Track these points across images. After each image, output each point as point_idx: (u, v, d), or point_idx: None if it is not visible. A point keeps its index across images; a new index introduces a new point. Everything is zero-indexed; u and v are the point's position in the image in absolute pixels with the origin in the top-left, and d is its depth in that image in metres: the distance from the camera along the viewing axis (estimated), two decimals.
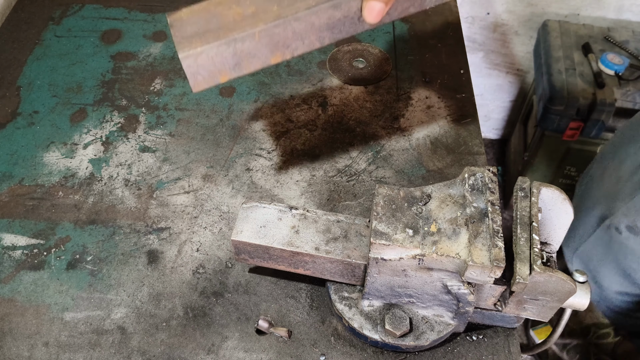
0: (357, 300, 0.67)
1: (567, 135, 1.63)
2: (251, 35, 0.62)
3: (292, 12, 0.62)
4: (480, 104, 2.09)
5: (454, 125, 0.92)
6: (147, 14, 1.10)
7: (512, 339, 0.68)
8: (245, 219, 0.66)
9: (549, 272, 0.55)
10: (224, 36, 0.62)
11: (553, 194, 0.62)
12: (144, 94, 0.96)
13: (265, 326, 0.68)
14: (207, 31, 0.63)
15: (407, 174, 0.85)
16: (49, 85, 0.97)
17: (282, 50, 0.65)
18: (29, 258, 0.75)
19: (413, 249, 0.59)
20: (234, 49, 0.63)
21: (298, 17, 0.62)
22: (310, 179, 0.84)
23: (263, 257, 0.67)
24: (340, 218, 0.67)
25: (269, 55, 0.65)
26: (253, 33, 0.62)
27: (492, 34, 1.87)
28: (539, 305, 0.61)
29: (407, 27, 1.09)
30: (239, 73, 0.65)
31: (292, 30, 0.63)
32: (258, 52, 0.64)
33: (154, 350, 0.67)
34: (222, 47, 0.62)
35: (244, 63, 0.64)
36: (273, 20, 0.62)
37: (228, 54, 0.63)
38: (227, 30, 0.62)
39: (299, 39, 0.64)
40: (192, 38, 0.62)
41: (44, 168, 0.85)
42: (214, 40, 0.62)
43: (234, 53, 0.63)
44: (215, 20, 0.63)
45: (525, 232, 0.59)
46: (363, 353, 0.67)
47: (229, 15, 0.63)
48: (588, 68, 1.60)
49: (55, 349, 0.67)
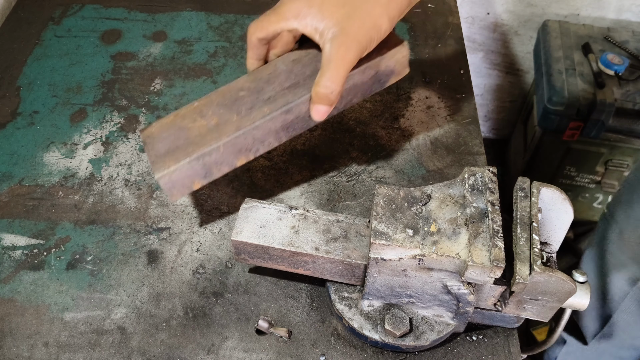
0: (357, 300, 0.67)
1: (567, 135, 1.63)
2: (217, 149, 0.69)
3: (251, 122, 0.69)
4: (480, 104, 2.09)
5: (454, 125, 0.92)
6: (147, 14, 1.10)
7: (512, 339, 0.68)
8: (245, 219, 0.66)
9: (549, 272, 0.55)
10: (192, 152, 0.68)
11: (553, 194, 0.62)
12: (144, 94, 0.96)
13: (265, 326, 0.68)
14: (177, 148, 0.69)
15: (407, 174, 0.85)
16: (49, 85, 0.97)
17: (245, 154, 0.72)
18: (29, 258, 0.75)
19: (413, 249, 0.59)
20: (203, 162, 0.69)
21: (256, 125, 0.69)
22: (310, 179, 0.84)
23: (263, 257, 0.67)
24: (340, 218, 0.67)
25: (235, 160, 0.72)
26: (218, 146, 0.69)
27: (492, 34, 1.87)
28: (539, 305, 0.61)
29: (407, 27, 1.09)
30: (209, 179, 0.72)
31: (252, 137, 0.71)
32: (224, 160, 0.71)
33: (154, 350, 0.67)
34: (193, 163, 0.69)
35: (213, 171, 0.71)
36: (235, 132, 0.69)
37: (198, 166, 0.69)
38: (195, 146, 0.69)
39: (259, 143, 0.72)
40: (165, 157, 0.69)
41: (44, 168, 0.85)
42: (184, 158, 0.68)
43: (203, 165, 0.70)
44: (183, 135, 0.70)
45: (525, 232, 0.59)
46: (363, 353, 0.67)
47: (194, 128, 0.71)
48: (588, 68, 1.60)
49: (55, 349, 0.67)
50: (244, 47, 1.03)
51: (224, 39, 1.05)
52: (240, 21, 1.08)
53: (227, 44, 1.04)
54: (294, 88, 0.70)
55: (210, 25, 1.08)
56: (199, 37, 1.06)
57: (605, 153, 1.66)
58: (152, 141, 0.71)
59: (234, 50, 1.03)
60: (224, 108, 0.72)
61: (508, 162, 2.06)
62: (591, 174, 1.74)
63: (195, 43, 1.04)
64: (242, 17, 1.09)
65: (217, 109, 0.72)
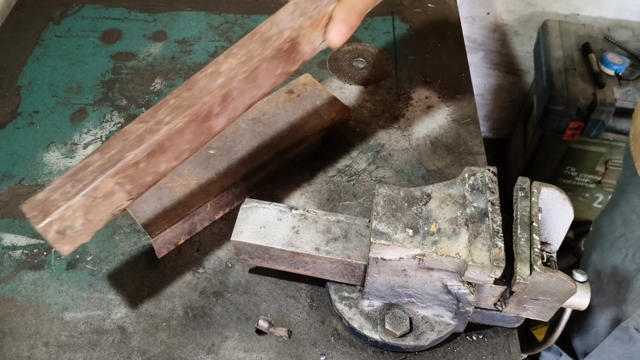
0: (357, 300, 0.67)
1: (567, 135, 1.63)
2: (204, 208, 0.75)
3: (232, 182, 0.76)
4: (480, 104, 2.09)
5: (454, 125, 0.92)
6: (147, 14, 1.10)
7: (512, 339, 0.68)
8: (245, 220, 0.66)
9: (549, 272, 0.55)
10: (183, 214, 0.73)
11: (553, 193, 0.62)
12: (144, 94, 0.96)
13: (265, 326, 0.68)
14: (165, 208, 0.72)
15: (407, 174, 0.85)
16: (49, 85, 0.97)
17: (224, 209, 0.79)
18: (29, 258, 0.75)
19: (413, 249, 0.59)
20: (191, 221, 0.75)
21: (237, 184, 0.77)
22: (310, 179, 0.84)
23: (263, 258, 0.67)
24: (341, 218, 0.67)
25: (215, 215, 0.78)
26: (206, 206, 0.75)
27: (492, 34, 1.87)
28: (539, 305, 0.61)
29: (407, 27, 1.09)
30: (192, 234, 0.77)
31: (233, 194, 0.78)
32: (208, 216, 0.77)
33: (154, 350, 0.67)
34: (184, 222, 0.73)
35: (197, 227, 0.77)
36: (220, 192, 0.75)
37: (186, 225, 0.74)
38: (184, 207, 0.73)
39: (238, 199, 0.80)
40: (156, 218, 0.72)
41: (44, 168, 0.85)
42: (176, 219, 0.72)
43: (190, 223, 0.75)
44: (167, 195, 0.74)
45: (526, 232, 0.59)
46: (363, 353, 0.67)
47: (175, 188, 0.75)
48: (588, 68, 1.60)
49: (55, 349, 0.67)
50: None
51: (224, 39, 1.05)
52: (240, 21, 1.08)
53: (227, 44, 1.04)
54: (263, 148, 0.80)
55: (210, 25, 1.08)
56: (199, 37, 1.06)
57: (605, 153, 1.66)
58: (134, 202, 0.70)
59: None
60: (199, 167, 0.77)
61: (508, 162, 2.06)
62: (591, 173, 1.74)
63: (195, 43, 1.04)
64: (242, 17, 1.09)
65: (193, 167, 0.77)
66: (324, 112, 0.84)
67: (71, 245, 0.56)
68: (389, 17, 1.10)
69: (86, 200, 0.55)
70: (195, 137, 0.60)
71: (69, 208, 0.54)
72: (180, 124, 0.57)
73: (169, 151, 0.58)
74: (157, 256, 0.74)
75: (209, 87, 0.59)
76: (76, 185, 0.55)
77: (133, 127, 0.58)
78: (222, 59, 0.61)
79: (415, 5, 1.13)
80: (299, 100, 0.86)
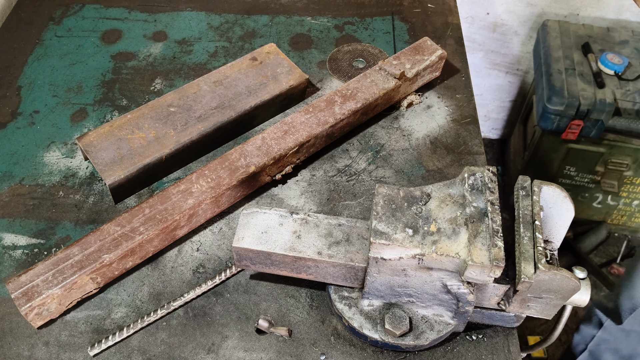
0: (357, 299, 0.67)
1: (566, 135, 1.63)
2: (160, 159, 0.79)
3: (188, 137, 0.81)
4: (480, 104, 2.09)
5: (454, 125, 0.92)
6: (147, 14, 1.10)
7: (512, 338, 0.68)
8: (246, 225, 0.66)
9: (553, 270, 0.56)
10: (138, 162, 0.78)
11: (554, 191, 0.62)
12: (144, 94, 0.96)
13: (265, 325, 0.68)
14: (123, 157, 0.79)
15: (407, 173, 0.85)
16: (50, 85, 0.97)
17: None
18: (30, 257, 0.75)
19: (413, 249, 0.59)
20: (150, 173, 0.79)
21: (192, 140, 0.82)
22: (310, 179, 0.84)
23: (265, 263, 0.67)
24: (342, 221, 0.67)
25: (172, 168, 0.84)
26: (161, 157, 0.79)
27: (491, 34, 1.87)
28: (542, 303, 0.61)
29: (407, 27, 1.09)
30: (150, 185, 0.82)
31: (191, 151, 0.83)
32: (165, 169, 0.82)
33: (154, 350, 0.67)
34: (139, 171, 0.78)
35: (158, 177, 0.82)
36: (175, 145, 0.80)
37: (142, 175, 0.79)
38: (139, 156, 0.78)
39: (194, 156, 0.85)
40: (113, 165, 0.78)
41: (45, 168, 0.85)
42: (131, 166, 0.77)
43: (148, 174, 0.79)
44: (125, 146, 0.80)
45: (528, 230, 0.59)
46: (363, 352, 0.67)
47: (134, 139, 0.80)
48: (588, 68, 1.60)
49: (56, 349, 0.67)
50: (244, 47, 1.03)
51: (224, 39, 1.05)
52: (240, 21, 1.08)
53: (227, 44, 1.04)
54: (221, 109, 0.84)
55: (210, 25, 1.08)
56: (199, 37, 1.06)
57: (604, 153, 1.66)
58: (94, 150, 0.80)
59: (234, 50, 1.03)
60: (159, 122, 0.83)
61: (507, 161, 2.06)
62: (591, 173, 1.74)
63: (195, 43, 1.04)
64: (242, 17, 1.09)
65: (153, 122, 0.83)
66: (283, 79, 0.90)
67: (43, 321, 0.68)
68: (389, 17, 1.10)
69: (64, 291, 0.67)
70: (161, 242, 0.73)
71: (49, 296, 0.66)
72: (151, 235, 0.71)
73: (138, 254, 0.71)
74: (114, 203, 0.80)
75: (180, 206, 0.73)
76: (57, 276, 0.67)
77: (111, 229, 0.71)
78: (194, 178, 0.76)
79: (415, 5, 1.13)
80: (261, 67, 0.91)
